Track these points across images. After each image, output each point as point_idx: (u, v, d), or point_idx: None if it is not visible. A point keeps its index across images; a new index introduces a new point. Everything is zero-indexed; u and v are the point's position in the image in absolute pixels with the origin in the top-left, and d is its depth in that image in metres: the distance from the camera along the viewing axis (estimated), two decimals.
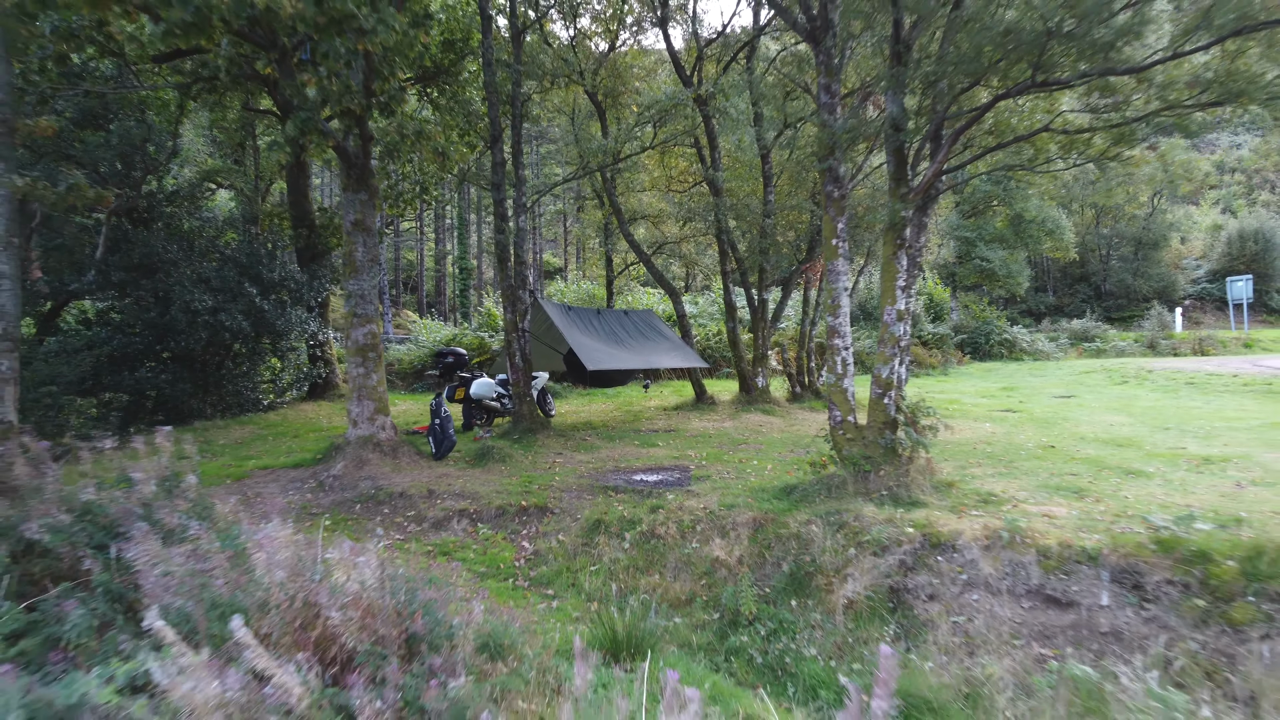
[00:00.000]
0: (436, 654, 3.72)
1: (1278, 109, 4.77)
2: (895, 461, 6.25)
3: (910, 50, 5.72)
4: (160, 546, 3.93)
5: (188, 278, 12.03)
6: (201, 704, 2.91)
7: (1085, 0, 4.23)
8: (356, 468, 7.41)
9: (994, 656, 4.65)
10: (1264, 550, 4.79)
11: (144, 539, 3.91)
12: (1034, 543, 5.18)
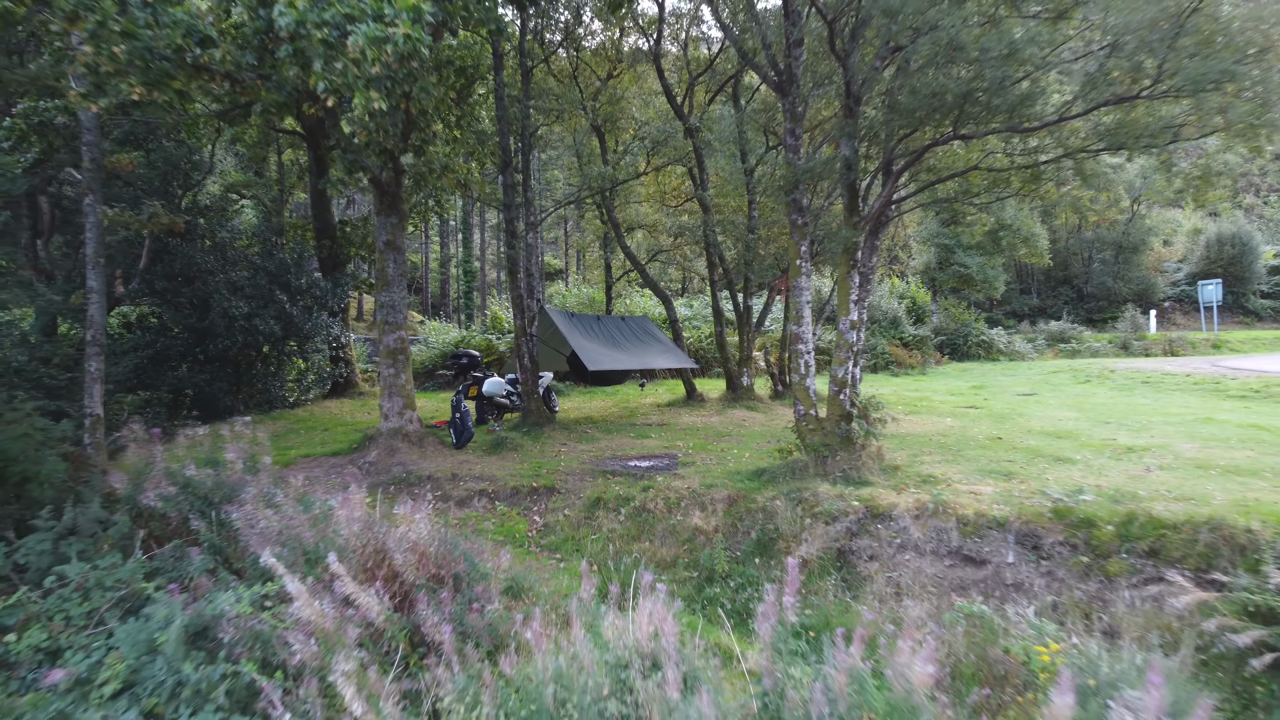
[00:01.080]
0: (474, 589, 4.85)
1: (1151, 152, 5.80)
2: (850, 448, 7.30)
3: (860, 104, 6.77)
4: (261, 509, 5.05)
5: (224, 285, 13.07)
6: (310, 616, 4.06)
7: (989, 75, 5.26)
8: (389, 455, 8.46)
9: (917, 601, 5.70)
10: (1135, 517, 5.85)
11: (251, 502, 5.03)
12: (955, 513, 6.24)
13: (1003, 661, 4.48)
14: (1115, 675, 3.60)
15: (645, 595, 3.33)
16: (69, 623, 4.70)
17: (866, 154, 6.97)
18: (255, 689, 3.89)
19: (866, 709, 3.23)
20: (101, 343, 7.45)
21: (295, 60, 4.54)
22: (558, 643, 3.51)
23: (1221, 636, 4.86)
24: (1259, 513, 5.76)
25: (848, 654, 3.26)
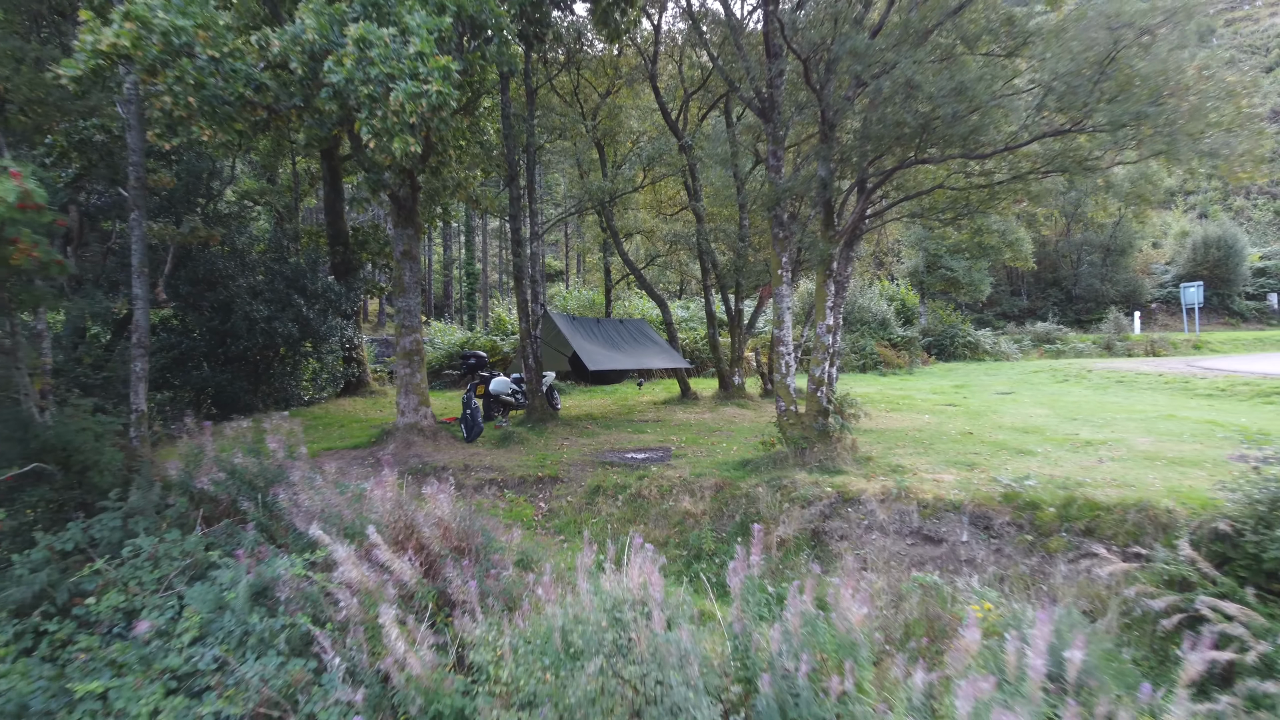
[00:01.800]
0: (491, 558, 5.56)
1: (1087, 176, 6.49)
2: (827, 441, 7.99)
3: (834, 129, 7.46)
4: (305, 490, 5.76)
5: (244, 290, 13.75)
6: (355, 577, 4.77)
7: (942, 111, 5.93)
8: (405, 448, 9.14)
9: (880, 575, 6.38)
10: (1074, 500, 6.55)
11: (297, 485, 5.74)
12: (917, 497, 6.93)
13: (945, 619, 5.16)
14: (1028, 623, 4.30)
15: (636, 554, 4.02)
16: (142, 587, 5.41)
17: (841, 174, 7.65)
18: (309, 637, 4.60)
19: (816, 646, 3.93)
20: (146, 345, 8.12)
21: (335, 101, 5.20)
22: (564, 596, 4.21)
23: (1140, 601, 5.54)
24: (1185, 497, 6.45)
25: (801, 601, 3.96)
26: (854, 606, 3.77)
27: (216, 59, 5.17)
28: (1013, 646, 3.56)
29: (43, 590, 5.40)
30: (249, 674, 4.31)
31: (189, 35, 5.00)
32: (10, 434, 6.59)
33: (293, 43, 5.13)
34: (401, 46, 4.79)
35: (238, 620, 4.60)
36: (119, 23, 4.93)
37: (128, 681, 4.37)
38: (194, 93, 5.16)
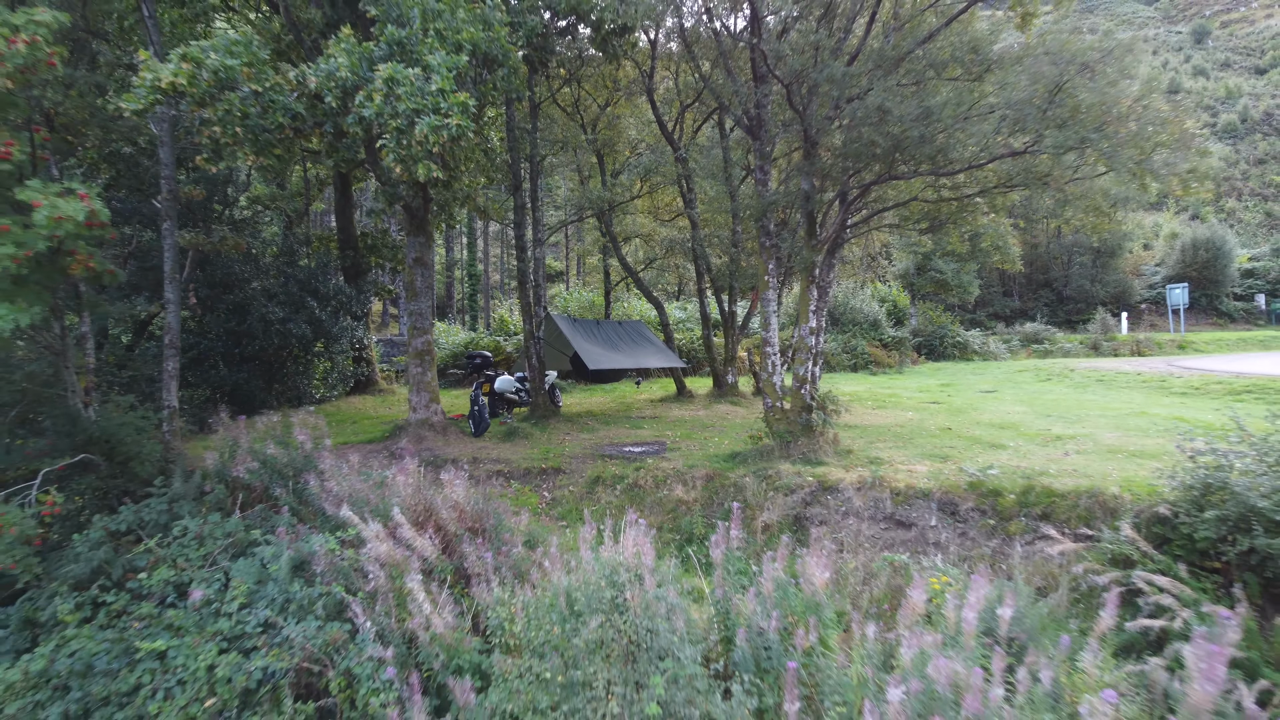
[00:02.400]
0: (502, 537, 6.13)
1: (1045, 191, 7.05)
2: (810, 435, 8.56)
3: (816, 146, 8.02)
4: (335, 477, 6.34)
5: (260, 293, 14.31)
6: (382, 554, 5.36)
7: (910, 133, 6.49)
8: (417, 442, 9.70)
9: (854, 555, 6.95)
10: (1033, 488, 7.12)
11: (328, 472, 6.32)
12: (890, 486, 7.50)
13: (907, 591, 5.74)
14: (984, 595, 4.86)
15: (630, 528, 4.59)
16: (189, 563, 6.00)
17: (823, 187, 8.20)
18: (343, 604, 5.19)
19: (786, 607, 4.52)
20: (177, 345, 8.68)
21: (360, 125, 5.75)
22: (567, 564, 4.78)
23: (1086, 577, 6.11)
24: (1134, 485, 7.02)
25: (774, 568, 4.54)
26: (819, 573, 4.35)
27: (259, 93, 5.72)
28: (951, 605, 4.14)
29: (100, 566, 5.99)
30: (292, 634, 4.89)
31: (236, 72, 5.57)
32: (60, 427, 7.16)
33: (327, 79, 5.69)
34: (424, 83, 5.36)
35: (280, 589, 5.18)
36: (176, 63, 5.50)
37: (186, 641, 4.95)
38: (239, 123, 5.73)
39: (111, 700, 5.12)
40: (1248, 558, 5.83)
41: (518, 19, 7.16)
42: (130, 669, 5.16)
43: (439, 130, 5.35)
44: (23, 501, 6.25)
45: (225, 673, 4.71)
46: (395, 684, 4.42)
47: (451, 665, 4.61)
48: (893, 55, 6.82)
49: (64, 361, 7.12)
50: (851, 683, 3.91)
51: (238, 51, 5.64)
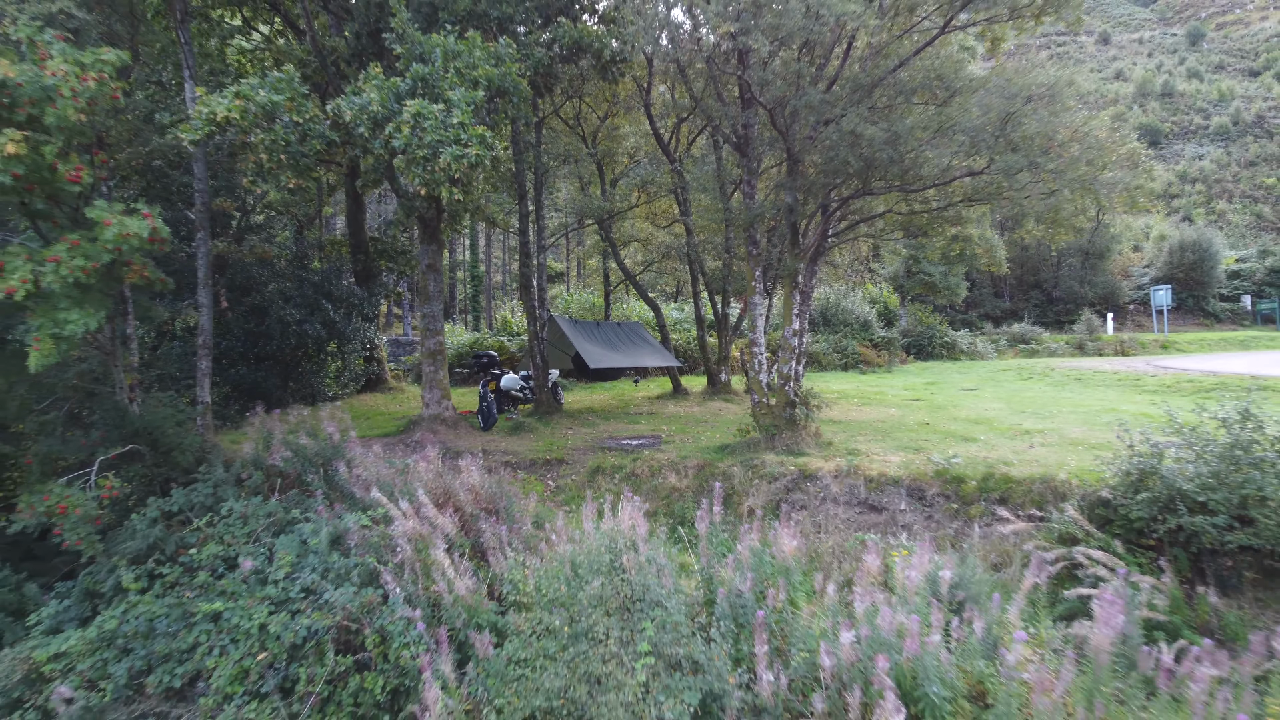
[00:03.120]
0: (513, 517, 6.81)
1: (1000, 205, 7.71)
2: (793, 428, 9.23)
3: (798, 164, 8.69)
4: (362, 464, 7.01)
5: (277, 295, 14.95)
6: (408, 530, 6.04)
7: (880, 154, 7.15)
8: (430, 435, 10.36)
9: (829, 536, 7.62)
10: (993, 475, 7.79)
11: (357, 459, 6.99)
12: (864, 474, 8.17)
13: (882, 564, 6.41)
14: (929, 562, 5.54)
15: (626, 504, 5.26)
16: (235, 539, 6.68)
17: (805, 200, 8.86)
18: (375, 573, 5.87)
19: (760, 571, 5.20)
20: (210, 345, 9.34)
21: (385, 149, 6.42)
22: (572, 537, 5.46)
23: (1035, 553, 6.77)
24: (1085, 473, 7.69)
25: (750, 539, 5.22)
26: (788, 542, 5.02)
27: (299, 123, 6.37)
28: (899, 567, 4.81)
29: (155, 542, 6.67)
30: (332, 598, 5.57)
31: (280, 106, 6.22)
32: (110, 420, 7.83)
33: (360, 111, 6.34)
34: (446, 116, 6.00)
35: (320, 560, 5.86)
36: (230, 99, 6.16)
37: (240, 604, 5.64)
38: (282, 150, 6.38)
39: (172, 657, 5.81)
40: (1176, 535, 6.51)
41: (525, 51, 7.82)
42: (188, 630, 5.85)
43: (460, 159, 6.00)
44: (83, 486, 6.92)
45: (276, 630, 5.39)
46: (424, 638, 5.09)
47: (472, 623, 5.29)
48: (866, 82, 7.48)
49: (113, 361, 7.78)
50: (813, 632, 4.59)
51: (281, 88, 6.31)
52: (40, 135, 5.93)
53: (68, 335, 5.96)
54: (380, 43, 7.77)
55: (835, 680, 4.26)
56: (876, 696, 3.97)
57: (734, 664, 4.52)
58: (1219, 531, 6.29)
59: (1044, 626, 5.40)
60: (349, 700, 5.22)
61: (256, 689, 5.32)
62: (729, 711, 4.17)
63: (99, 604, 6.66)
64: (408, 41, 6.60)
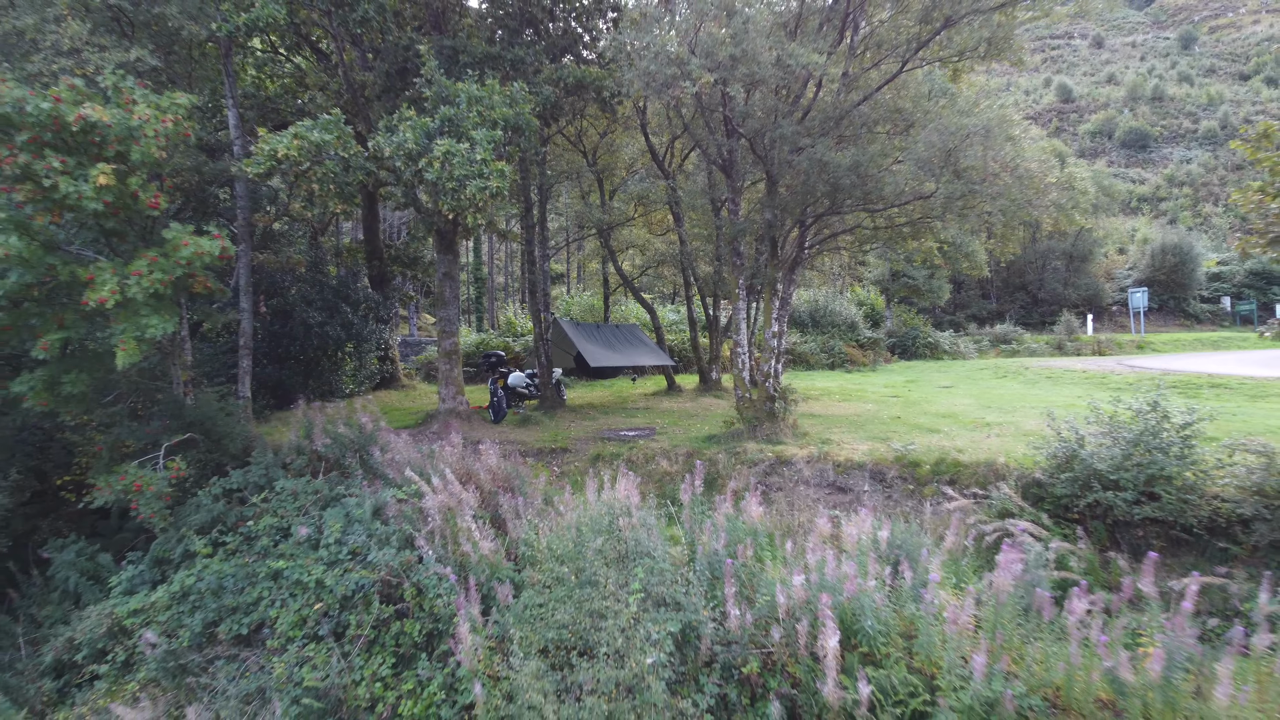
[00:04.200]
0: (526, 493, 7.79)
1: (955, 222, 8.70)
2: (773, 420, 10.22)
3: (777, 184, 9.67)
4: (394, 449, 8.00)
5: (299, 299, 15.93)
6: (438, 504, 7.05)
7: (844, 180, 8.13)
8: (446, 427, 11.34)
9: (800, 513, 8.60)
10: (945, 459, 8.78)
11: (391, 444, 7.99)
12: (833, 459, 9.16)
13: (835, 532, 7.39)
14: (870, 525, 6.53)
15: (622, 479, 6.25)
16: (288, 513, 7.66)
17: (783, 217, 9.84)
18: (411, 538, 6.86)
19: (732, 533, 6.19)
20: (250, 346, 10.31)
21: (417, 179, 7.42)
22: (577, 506, 6.45)
23: (976, 526, 7.76)
24: (1025, 458, 8.68)
25: (725, 507, 6.21)
26: (754, 509, 6.01)
27: (345, 159, 7.33)
28: (844, 526, 5.81)
29: (218, 515, 7.67)
30: (376, 558, 6.56)
31: (330, 144, 7.19)
32: (169, 412, 8.81)
33: (397, 149, 7.30)
34: (471, 153, 6.97)
35: (365, 528, 6.86)
36: (289, 139, 7.14)
37: (299, 562, 6.63)
38: (331, 180, 7.35)
39: (239, 609, 6.81)
40: (1094, 509, 7.52)
41: (535, 90, 8.79)
42: (253, 586, 6.85)
43: (483, 190, 6.96)
44: (152, 467, 7.89)
45: (330, 584, 6.39)
46: (455, 589, 6.08)
47: (494, 577, 6.28)
48: (835, 115, 8.45)
49: (172, 359, 8.75)
50: (773, 580, 5.59)
51: (330, 129, 7.28)
52: (125, 168, 6.92)
53: (148, 338, 6.95)
54: (406, 78, 8.73)
55: (789, 616, 5.26)
56: (820, 626, 4.97)
57: (710, 604, 5.51)
58: (1128, 506, 7.31)
59: (970, 579, 6.38)
60: (391, 642, 6.22)
61: (314, 633, 6.31)
62: (704, 639, 5.17)
63: (168, 569, 7.66)
64: (435, 86, 7.58)
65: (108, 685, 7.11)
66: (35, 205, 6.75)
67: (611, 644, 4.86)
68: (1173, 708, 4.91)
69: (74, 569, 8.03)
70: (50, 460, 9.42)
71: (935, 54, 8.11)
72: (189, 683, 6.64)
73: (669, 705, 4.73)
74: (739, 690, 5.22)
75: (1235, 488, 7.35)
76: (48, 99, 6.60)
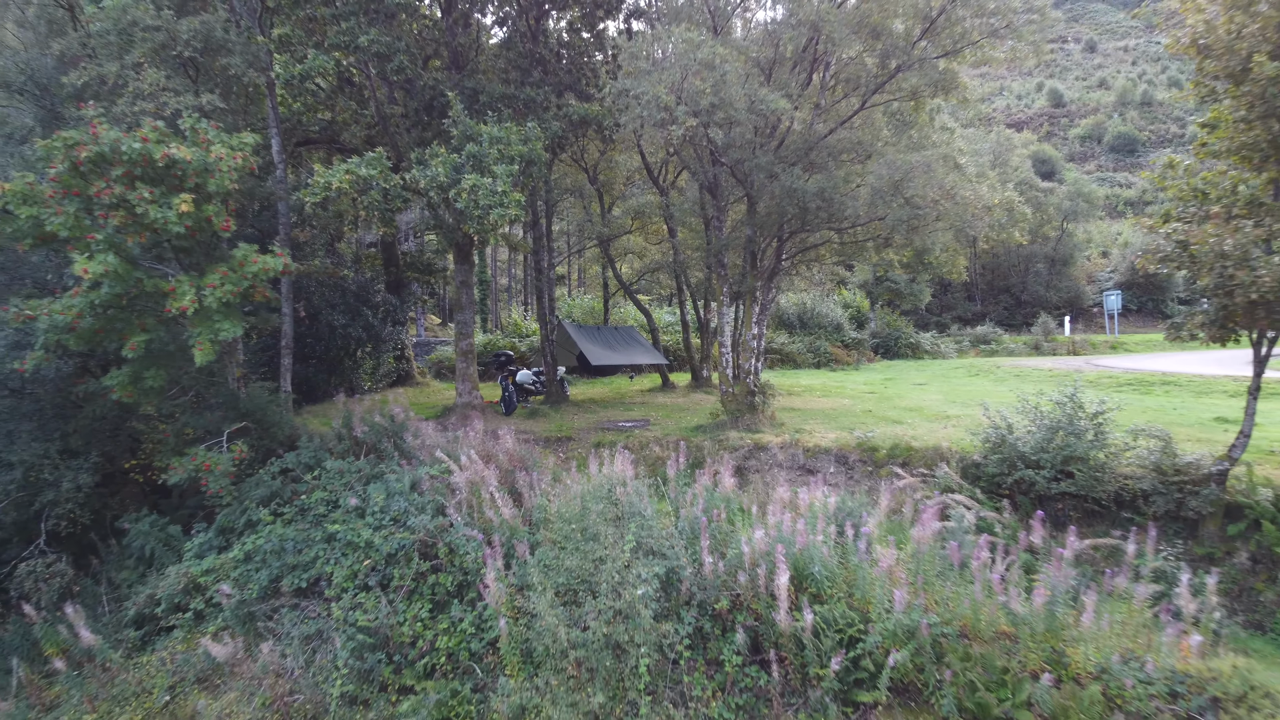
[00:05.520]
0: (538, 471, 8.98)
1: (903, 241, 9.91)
2: (753, 412, 11.43)
3: (755, 204, 10.88)
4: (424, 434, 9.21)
5: (324, 303, 17.12)
6: (465, 479, 8.34)
7: (810, 204, 9.33)
8: (463, 419, 12.55)
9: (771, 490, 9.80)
10: (901, 444, 10.00)
11: (420, 431, 9.20)
12: (803, 445, 10.38)
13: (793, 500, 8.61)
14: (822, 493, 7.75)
15: (619, 456, 7.47)
16: (336, 488, 8.86)
17: (761, 233, 11.05)
18: (443, 507, 8.07)
19: (709, 501, 7.41)
20: (290, 347, 11.51)
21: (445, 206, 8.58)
22: (582, 480, 7.66)
23: (923, 500, 8.98)
24: (964, 444, 9.89)
25: (703, 480, 7.43)
26: (728, 480, 7.23)
27: (386, 189, 8.54)
28: (800, 494, 7.02)
29: (275, 490, 8.87)
30: (414, 523, 7.77)
31: (375, 178, 8.39)
32: (226, 403, 10.01)
33: (431, 181, 8.50)
34: (493, 185, 8.16)
35: (404, 499, 8.06)
36: (340, 174, 8.36)
37: (350, 526, 7.84)
38: (375, 208, 8.55)
39: (299, 567, 8.01)
40: (1019, 485, 8.75)
41: (545, 125, 9.99)
42: (309, 547, 8.06)
43: (503, 216, 8.16)
44: (218, 450, 9.10)
45: (377, 543, 7.60)
46: (481, 547, 7.29)
47: (513, 537, 7.50)
48: (804, 146, 9.65)
49: (229, 358, 9.95)
50: (740, 537, 6.81)
51: (374, 165, 8.49)
52: (201, 196, 8.14)
53: (220, 339, 8.16)
54: (433, 114, 9.93)
55: (753, 564, 6.47)
56: (776, 569, 6.18)
57: (689, 556, 6.73)
58: (1048, 482, 8.54)
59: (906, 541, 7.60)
60: (428, 590, 7.43)
61: (364, 584, 7.52)
62: (684, 582, 6.38)
63: (231, 537, 8.87)
64: (461, 125, 8.77)
65: (183, 633, 8.35)
66: (127, 229, 7.95)
67: (610, 582, 6.08)
68: (1053, 632, 6.14)
69: (149, 538, 9.21)
70: (119, 446, 10.60)
71: (891, 94, 9.30)
72: (258, 627, 7.85)
73: (655, 629, 5.96)
74: (712, 623, 6.44)
75: (1137, 467, 8.59)
76: (138, 139, 7.80)
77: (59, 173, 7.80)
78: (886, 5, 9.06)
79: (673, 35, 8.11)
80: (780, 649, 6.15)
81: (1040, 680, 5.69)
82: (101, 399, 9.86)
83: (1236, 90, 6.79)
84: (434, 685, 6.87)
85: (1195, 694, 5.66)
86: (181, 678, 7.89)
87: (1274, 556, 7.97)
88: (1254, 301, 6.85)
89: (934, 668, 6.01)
